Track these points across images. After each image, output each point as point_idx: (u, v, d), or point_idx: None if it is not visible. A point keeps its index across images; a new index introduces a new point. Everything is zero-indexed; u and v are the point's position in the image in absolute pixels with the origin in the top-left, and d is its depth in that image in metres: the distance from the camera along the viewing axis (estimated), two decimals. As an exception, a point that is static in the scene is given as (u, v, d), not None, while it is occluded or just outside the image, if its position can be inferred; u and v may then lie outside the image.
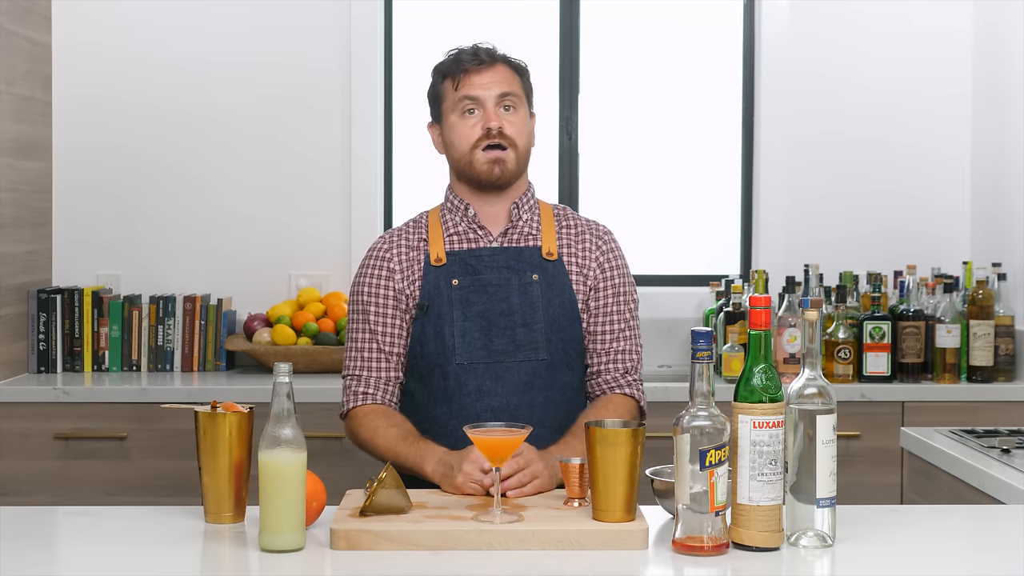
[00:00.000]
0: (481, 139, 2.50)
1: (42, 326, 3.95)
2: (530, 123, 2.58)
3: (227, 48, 4.21)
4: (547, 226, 2.59)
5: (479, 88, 2.50)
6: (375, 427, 2.47)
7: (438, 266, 2.53)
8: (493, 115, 2.50)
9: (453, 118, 2.53)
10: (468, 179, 2.55)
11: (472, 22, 4.38)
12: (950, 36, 4.30)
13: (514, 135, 2.51)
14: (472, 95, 2.50)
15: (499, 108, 2.51)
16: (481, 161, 2.51)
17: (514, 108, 2.52)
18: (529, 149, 2.58)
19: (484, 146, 2.50)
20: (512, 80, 2.54)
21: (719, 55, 4.43)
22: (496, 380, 2.48)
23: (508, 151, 2.51)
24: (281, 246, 4.22)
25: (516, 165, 2.53)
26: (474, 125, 2.51)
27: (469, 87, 2.51)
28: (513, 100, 2.52)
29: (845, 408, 3.41)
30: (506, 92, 2.51)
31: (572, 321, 2.54)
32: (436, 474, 2.29)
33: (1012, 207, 4.00)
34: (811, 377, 1.93)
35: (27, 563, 1.87)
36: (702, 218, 4.47)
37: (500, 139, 2.50)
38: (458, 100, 2.51)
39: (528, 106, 2.58)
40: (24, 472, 3.63)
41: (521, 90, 2.56)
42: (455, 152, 2.55)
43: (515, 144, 2.51)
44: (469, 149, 2.51)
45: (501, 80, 2.52)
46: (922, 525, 2.13)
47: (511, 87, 2.53)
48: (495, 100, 2.50)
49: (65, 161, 4.18)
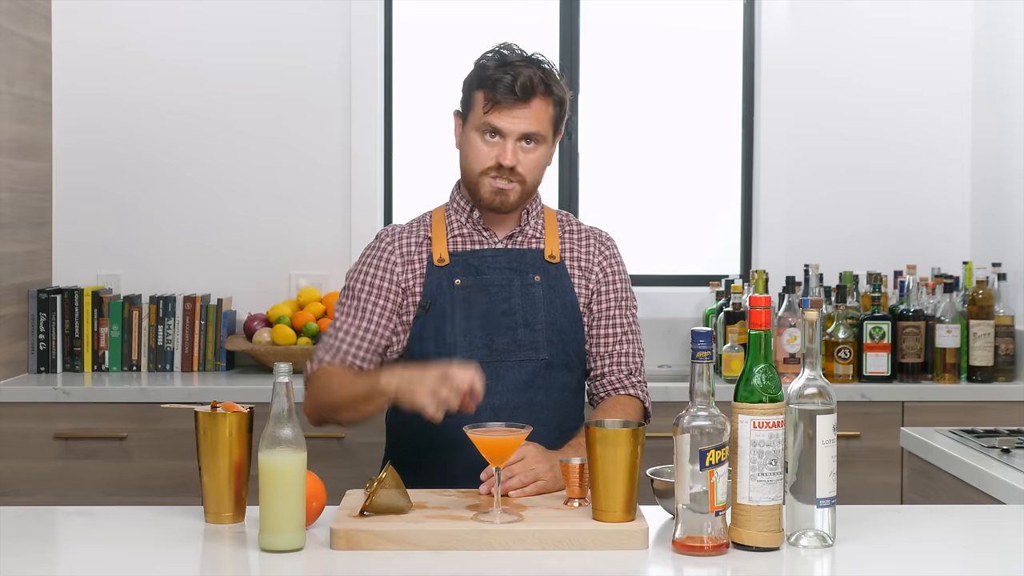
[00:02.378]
0: (491, 168, 2.48)
1: (42, 326, 3.95)
2: (550, 153, 2.54)
3: (227, 48, 4.21)
4: (550, 230, 2.59)
5: (506, 122, 2.45)
6: (328, 376, 2.46)
7: (441, 266, 2.54)
8: (510, 154, 2.45)
9: (474, 134, 2.49)
10: (472, 195, 2.54)
11: (472, 22, 4.38)
12: (950, 36, 4.30)
13: (525, 172, 2.48)
14: (498, 126, 2.46)
15: (520, 143, 2.47)
16: (487, 188, 2.49)
17: (535, 144, 2.48)
18: (540, 179, 2.54)
19: (492, 175, 2.48)
20: (543, 116, 2.48)
21: (719, 55, 4.43)
22: (497, 379, 2.48)
23: (514, 185, 2.48)
24: (281, 246, 4.23)
25: (520, 198, 2.50)
26: (491, 153, 2.47)
27: (497, 118, 2.45)
28: (536, 138, 2.48)
29: (845, 408, 3.41)
30: (531, 132, 2.47)
31: (573, 323, 2.55)
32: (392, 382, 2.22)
33: (1012, 207, 4.00)
34: (811, 377, 1.93)
35: (27, 563, 1.87)
36: (702, 218, 4.47)
37: (509, 175, 2.48)
38: (483, 123, 2.47)
39: (554, 134, 2.53)
40: (24, 472, 3.63)
41: (550, 124, 2.50)
42: (465, 165, 2.53)
43: (524, 180, 2.49)
44: (479, 173, 2.49)
45: (531, 118, 2.46)
46: (922, 525, 2.13)
47: (539, 126, 2.47)
48: (517, 136, 2.46)
49: (65, 161, 4.18)
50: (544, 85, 2.48)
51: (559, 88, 2.52)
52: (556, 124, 2.53)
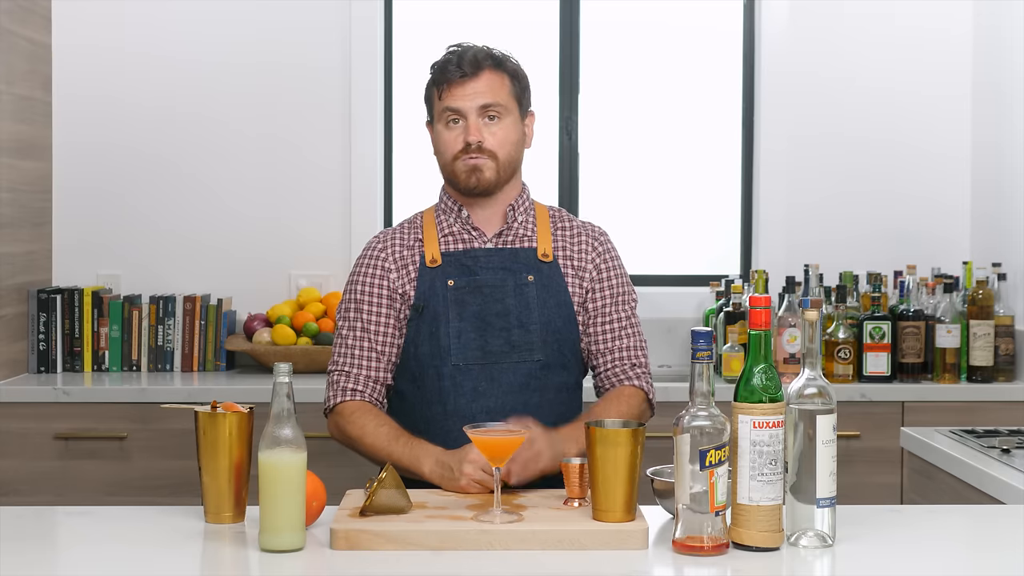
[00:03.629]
0: (460, 152, 2.50)
1: (42, 326, 3.95)
2: (520, 128, 2.55)
3: (227, 48, 4.21)
4: (542, 228, 2.59)
5: (460, 100, 2.49)
6: (363, 425, 2.46)
7: (433, 267, 2.54)
8: (474, 128, 2.49)
9: (439, 127, 2.54)
10: (453, 186, 2.57)
11: (472, 22, 4.38)
12: (950, 36, 4.30)
13: (494, 147, 2.50)
14: (454, 107, 2.50)
15: (482, 119, 2.49)
16: (460, 170, 2.51)
17: (499, 117, 2.50)
18: (516, 155, 2.56)
19: (463, 157, 2.50)
20: (498, 88, 2.51)
21: (719, 55, 4.43)
22: (491, 381, 2.48)
23: (486, 160, 2.50)
24: (281, 246, 4.22)
25: (495, 174, 2.52)
26: (456, 136, 2.51)
27: (451, 99, 2.50)
28: (497, 110, 2.50)
29: (845, 408, 3.40)
30: (489, 103, 2.49)
31: (567, 322, 2.54)
32: (435, 475, 2.29)
33: (1012, 207, 4.00)
34: (811, 377, 1.93)
35: (27, 563, 1.87)
36: (702, 218, 4.47)
37: (478, 153, 2.49)
38: (443, 111, 2.52)
39: (520, 108, 2.55)
40: (24, 472, 3.63)
41: (510, 96, 2.53)
42: (440, 159, 2.57)
43: (495, 155, 2.50)
44: (451, 159, 2.52)
45: (485, 90, 2.49)
46: (922, 525, 2.13)
47: (496, 97, 2.50)
48: (477, 112, 2.49)
49: (65, 161, 4.18)
50: (491, 59, 2.53)
51: (509, 63, 2.56)
52: (519, 99, 2.55)
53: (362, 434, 2.46)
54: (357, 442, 2.48)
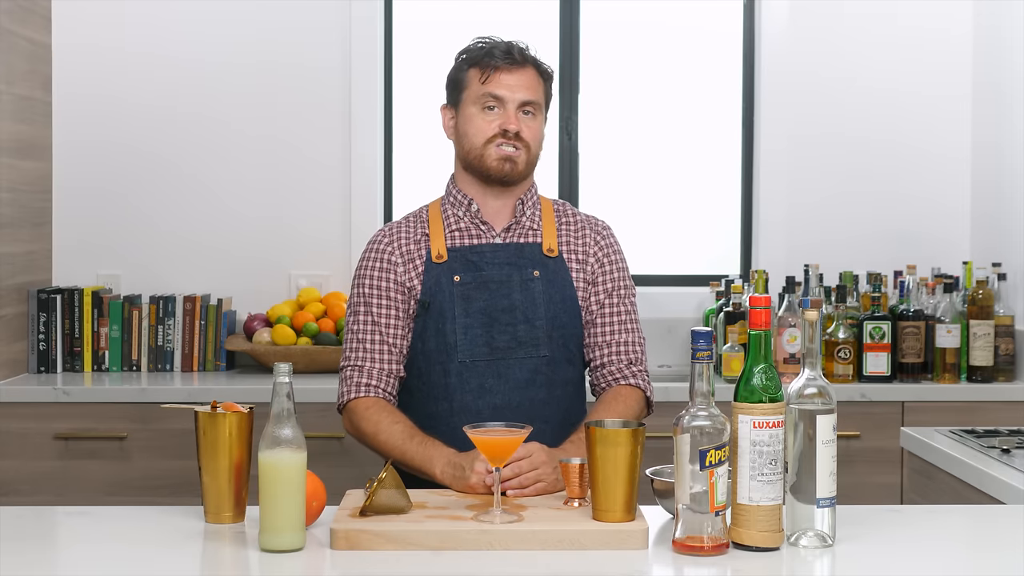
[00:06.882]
0: (496, 136, 2.51)
1: (42, 326, 3.95)
2: (543, 128, 2.60)
3: (227, 48, 4.21)
4: (548, 222, 2.60)
5: (505, 88, 2.51)
6: (378, 422, 2.46)
7: (439, 262, 2.54)
8: (513, 118, 2.51)
9: (472, 110, 2.53)
10: (476, 172, 2.56)
11: (472, 22, 4.36)
12: (950, 36, 4.30)
13: (529, 139, 2.53)
14: (497, 94, 2.51)
15: (519, 112, 2.52)
16: (493, 156, 2.52)
17: (533, 115, 2.54)
18: (539, 153, 2.60)
19: (499, 143, 2.51)
20: (537, 87, 2.55)
21: (719, 55, 4.43)
22: (497, 377, 2.48)
23: (521, 152, 2.52)
24: (281, 246, 4.22)
25: (526, 167, 2.55)
26: (492, 122, 2.52)
27: (496, 85, 2.51)
28: (534, 108, 2.54)
29: (845, 408, 3.40)
30: (530, 100, 2.53)
31: (573, 317, 2.55)
32: (446, 476, 2.28)
33: (1012, 207, 4.00)
34: (811, 377, 1.93)
35: (27, 563, 1.87)
36: (702, 218, 4.47)
37: (516, 141, 2.51)
38: (482, 95, 2.52)
39: (545, 113, 2.60)
40: (24, 472, 3.63)
41: (543, 98, 2.58)
42: (467, 143, 2.55)
43: (529, 147, 2.54)
44: (483, 143, 2.52)
45: (528, 85, 2.53)
46: (922, 525, 2.13)
47: (535, 95, 2.54)
48: (518, 104, 2.52)
49: (65, 161, 4.18)
50: (533, 57, 2.57)
51: (545, 65, 2.60)
52: (547, 101, 2.60)
53: (376, 431, 2.45)
54: (371, 439, 2.47)
